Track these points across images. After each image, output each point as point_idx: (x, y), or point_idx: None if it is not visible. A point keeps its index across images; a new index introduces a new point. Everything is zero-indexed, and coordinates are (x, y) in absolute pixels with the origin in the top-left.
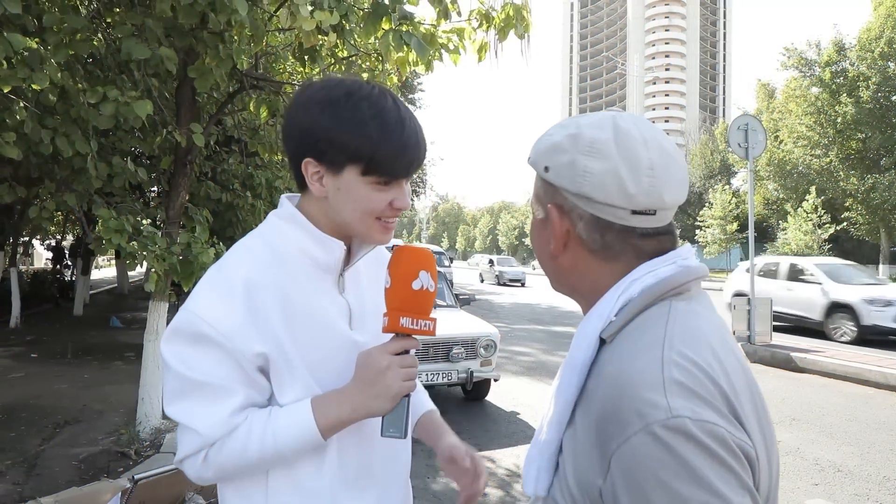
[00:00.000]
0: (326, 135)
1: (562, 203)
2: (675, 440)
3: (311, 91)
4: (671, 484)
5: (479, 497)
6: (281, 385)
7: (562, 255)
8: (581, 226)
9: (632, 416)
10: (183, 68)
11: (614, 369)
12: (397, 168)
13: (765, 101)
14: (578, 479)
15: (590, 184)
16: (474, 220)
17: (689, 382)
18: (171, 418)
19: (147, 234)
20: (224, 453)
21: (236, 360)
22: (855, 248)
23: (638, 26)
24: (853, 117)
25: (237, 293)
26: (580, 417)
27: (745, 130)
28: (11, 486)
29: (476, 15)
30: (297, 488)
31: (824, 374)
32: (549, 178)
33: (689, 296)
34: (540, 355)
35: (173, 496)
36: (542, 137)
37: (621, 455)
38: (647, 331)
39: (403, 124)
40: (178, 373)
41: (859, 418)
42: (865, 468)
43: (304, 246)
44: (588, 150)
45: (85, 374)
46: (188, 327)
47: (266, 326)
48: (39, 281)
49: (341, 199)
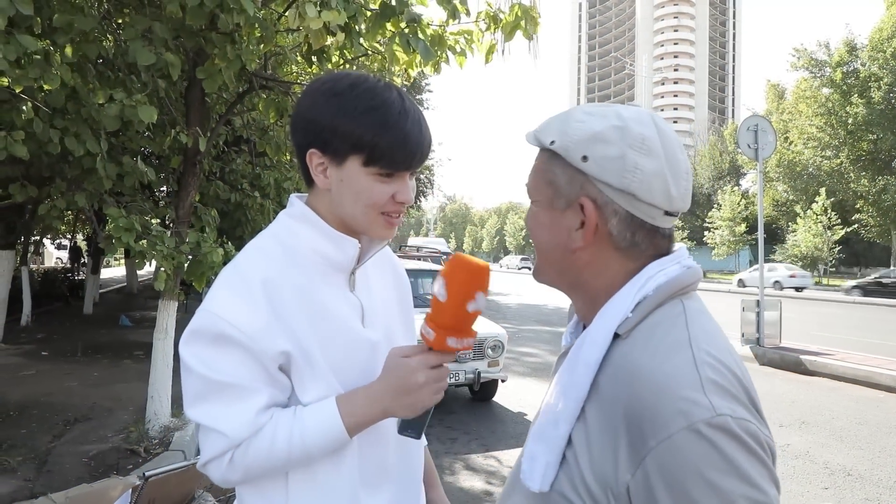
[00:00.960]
0: (329, 124)
1: (596, 197)
2: (720, 437)
3: (318, 83)
4: (714, 479)
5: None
6: (302, 383)
7: (584, 250)
8: (614, 222)
9: (673, 414)
10: (192, 69)
11: (640, 367)
12: (398, 159)
13: (774, 101)
14: (596, 474)
15: (638, 181)
16: (482, 220)
17: (723, 381)
18: (194, 421)
19: (156, 234)
20: (250, 454)
21: (259, 359)
22: (865, 250)
23: (646, 26)
24: (864, 118)
25: (256, 292)
26: (592, 412)
27: (754, 131)
28: (23, 483)
29: (484, 17)
30: (316, 487)
31: (834, 377)
32: (587, 168)
33: (693, 296)
34: (547, 356)
35: (183, 493)
36: (568, 122)
37: (661, 452)
38: (670, 330)
39: (406, 115)
40: (200, 374)
41: (870, 422)
42: (876, 472)
43: (316, 245)
44: (639, 147)
45: (95, 372)
46: (209, 328)
47: (287, 325)
48: (50, 279)
49: (344, 192)
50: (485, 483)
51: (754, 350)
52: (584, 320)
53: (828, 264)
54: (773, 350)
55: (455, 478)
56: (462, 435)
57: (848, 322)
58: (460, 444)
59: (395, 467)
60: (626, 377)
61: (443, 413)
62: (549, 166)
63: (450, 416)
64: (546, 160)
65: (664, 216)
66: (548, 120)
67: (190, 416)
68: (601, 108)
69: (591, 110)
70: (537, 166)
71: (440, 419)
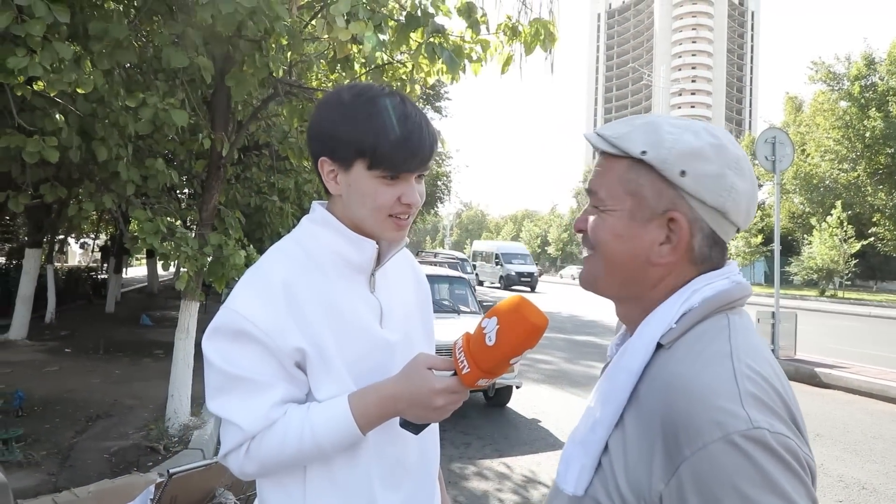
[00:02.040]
0: (335, 132)
1: (687, 212)
2: (755, 450)
3: (328, 96)
4: (748, 492)
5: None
6: (318, 381)
7: (664, 265)
8: (699, 238)
9: (710, 425)
10: (220, 75)
11: (679, 377)
12: (399, 161)
13: (792, 114)
14: (630, 482)
15: (732, 201)
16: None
17: (762, 395)
18: (214, 413)
19: (180, 235)
20: (264, 447)
21: (275, 355)
22: (882, 263)
23: (664, 38)
24: (882, 132)
25: (275, 292)
26: (630, 420)
27: (772, 143)
28: (46, 477)
29: (504, 29)
30: (334, 483)
31: (849, 390)
32: (683, 183)
33: (741, 311)
34: (562, 364)
35: (204, 491)
36: (659, 133)
37: (696, 462)
38: (712, 342)
39: (407, 119)
40: (220, 369)
41: (885, 436)
42: (891, 487)
43: (336, 247)
44: (736, 167)
45: (116, 369)
46: (229, 324)
47: (304, 323)
48: (74, 278)
49: (353, 196)
50: (497, 488)
51: None
52: (631, 331)
53: (843, 277)
54: (787, 362)
55: (468, 482)
56: (476, 440)
57: (864, 335)
58: (474, 448)
59: (413, 465)
60: (664, 386)
61: (457, 418)
62: (633, 176)
63: (464, 421)
64: (627, 169)
65: (734, 233)
66: (622, 125)
67: (210, 408)
68: (686, 122)
69: (678, 123)
70: (614, 173)
71: (454, 423)
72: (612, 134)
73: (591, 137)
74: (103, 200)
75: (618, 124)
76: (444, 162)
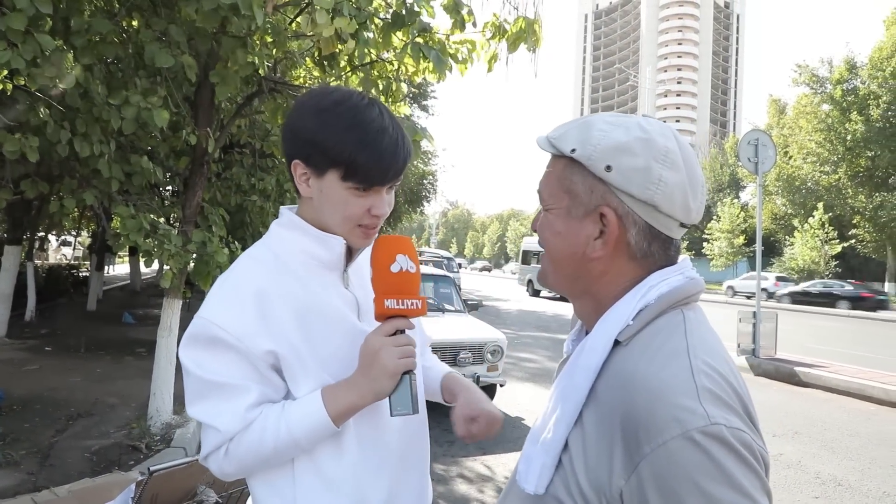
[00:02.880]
0: (312, 138)
1: (617, 207)
2: (713, 446)
3: (307, 97)
4: (706, 487)
5: (482, 436)
6: (295, 380)
7: (600, 259)
8: (633, 232)
9: (668, 421)
10: (204, 72)
11: (637, 374)
12: (374, 175)
13: (775, 116)
14: (590, 479)
15: (661, 193)
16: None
17: (718, 391)
18: (193, 418)
19: (163, 232)
20: (243, 447)
21: (248, 359)
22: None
23: (651, 39)
24: (863, 135)
25: (245, 298)
26: (589, 417)
27: (755, 145)
28: (26, 476)
29: (490, 27)
30: (320, 477)
31: (827, 389)
32: (610, 178)
33: (695, 306)
34: (545, 362)
35: (186, 489)
36: (589, 131)
37: (655, 458)
38: (669, 338)
39: (384, 133)
40: (197, 376)
41: (861, 434)
42: (866, 483)
43: (305, 247)
44: (663, 159)
45: (98, 368)
46: (203, 332)
47: (275, 327)
48: (54, 276)
49: (324, 202)
50: (481, 486)
51: (750, 361)
52: (588, 327)
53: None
54: (768, 361)
55: (451, 480)
56: (461, 439)
57: (843, 335)
58: (458, 447)
59: (401, 454)
60: (623, 383)
61: (441, 416)
62: (568, 174)
63: (448, 420)
64: (563, 168)
65: (679, 228)
66: (564, 126)
67: (190, 414)
68: (622, 118)
69: (613, 120)
70: (553, 173)
71: (438, 422)
72: (553, 135)
73: (540, 140)
74: (84, 197)
75: (561, 125)
76: (431, 161)
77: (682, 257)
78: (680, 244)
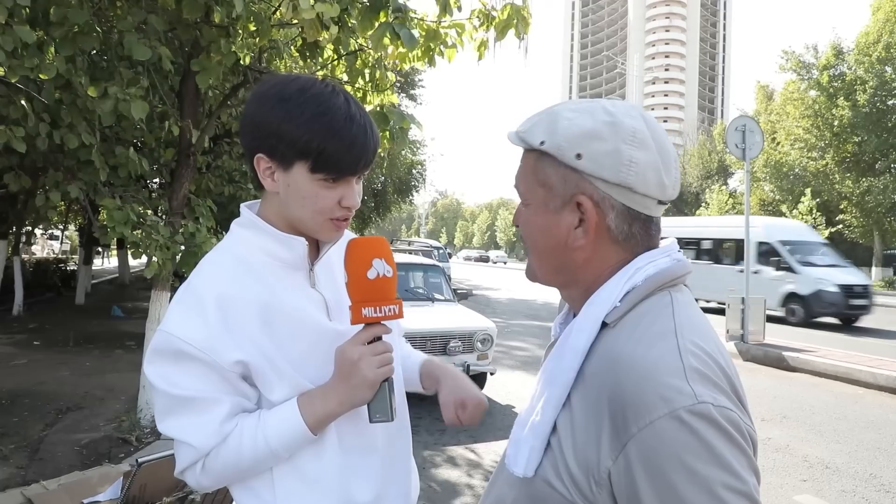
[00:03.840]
0: (276, 129)
1: (592, 193)
2: (700, 424)
3: (266, 86)
4: (694, 466)
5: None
6: (269, 386)
7: (583, 248)
8: (612, 216)
9: (656, 401)
10: (187, 62)
11: (625, 355)
12: (344, 165)
13: (763, 102)
14: (579, 460)
15: (634, 174)
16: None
17: (706, 370)
18: (165, 434)
19: (151, 224)
20: (220, 461)
21: (216, 370)
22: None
23: (638, 26)
24: (850, 121)
25: (208, 307)
26: (577, 399)
27: (742, 131)
28: (15, 470)
29: (477, 14)
30: (301, 478)
31: (815, 373)
32: (581, 166)
33: (682, 288)
34: (536, 350)
35: (174, 480)
36: (556, 121)
37: (642, 438)
38: (656, 319)
39: (352, 121)
40: (165, 392)
41: (848, 417)
42: (853, 465)
43: (267, 248)
44: (631, 140)
45: (87, 362)
46: (166, 347)
47: (241, 335)
48: (42, 270)
49: (292, 196)
50: (471, 473)
51: (738, 346)
52: (575, 310)
53: None
54: (756, 346)
55: (442, 468)
56: (449, 427)
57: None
58: (448, 435)
59: (384, 450)
60: (610, 364)
61: (431, 405)
62: (540, 166)
63: (438, 408)
64: (535, 160)
65: (657, 205)
66: (531, 119)
67: (162, 430)
68: (587, 104)
69: (577, 107)
70: (526, 167)
71: (429, 411)
72: (521, 129)
73: (510, 135)
74: (69, 190)
75: (529, 118)
76: (419, 150)
77: (670, 240)
78: (660, 223)
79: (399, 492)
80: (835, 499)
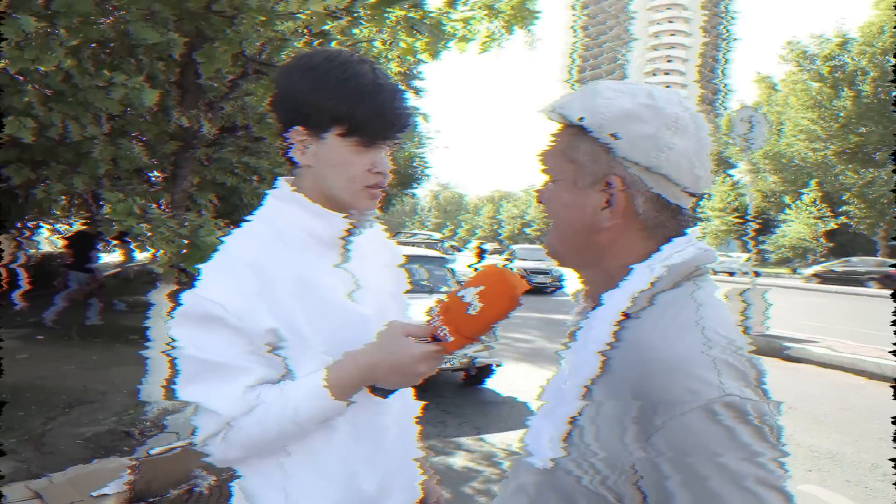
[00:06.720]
0: (307, 98)
1: (623, 175)
2: (728, 417)
3: (294, 60)
4: (723, 458)
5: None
6: (296, 359)
7: (609, 229)
8: (641, 201)
9: (683, 393)
10: (189, 52)
11: (650, 347)
12: (377, 129)
13: (765, 93)
14: (603, 451)
15: (668, 160)
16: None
17: (733, 362)
18: (187, 400)
19: (154, 216)
20: (244, 431)
21: (247, 337)
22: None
23: (641, 17)
24: (854, 112)
25: (242, 273)
26: (600, 390)
27: (748, 122)
28: (19, 463)
29: (481, 5)
30: (313, 464)
31: (818, 363)
32: (616, 146)
33: (706, 277)
34: (539, 342)
35: (180, 473)
36: (595, 99)
37: (669, 430)
38: (681, 310)
39: (380, 87)
40: (190, 355)
41: (852, 407)
42: (857, 455)
43: (304, 223)
44: (673, 126)
45: (90, 355)
46: (196, 309)
47: (275, 303)
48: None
49: (325, 167)
50: (475, 464)
51: None
52: (593, 295)
53: (817, 255)
54: (759, 337)
55: (446, 459)
56: (454, 418)
57: (833, 311)
58: (452, 427)
59: (393, 441)
60: (636, 356)
61: (435, 397)
62: (573, 143)
63: (442, 400)
64: (569, 136)
65: (687, 196)
66: (570, 95)
67: (183, 396)
68: (629, 85)
69: (620, 87)
70: (558, 143)
71: (433, 402)
72: (559, 104)
73: (546, 109)
74: (74, 181)
75: (567, 94)
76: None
77: (692, 229)
78: (689, 214)
79: (404, 485)
80: (840, 489)
